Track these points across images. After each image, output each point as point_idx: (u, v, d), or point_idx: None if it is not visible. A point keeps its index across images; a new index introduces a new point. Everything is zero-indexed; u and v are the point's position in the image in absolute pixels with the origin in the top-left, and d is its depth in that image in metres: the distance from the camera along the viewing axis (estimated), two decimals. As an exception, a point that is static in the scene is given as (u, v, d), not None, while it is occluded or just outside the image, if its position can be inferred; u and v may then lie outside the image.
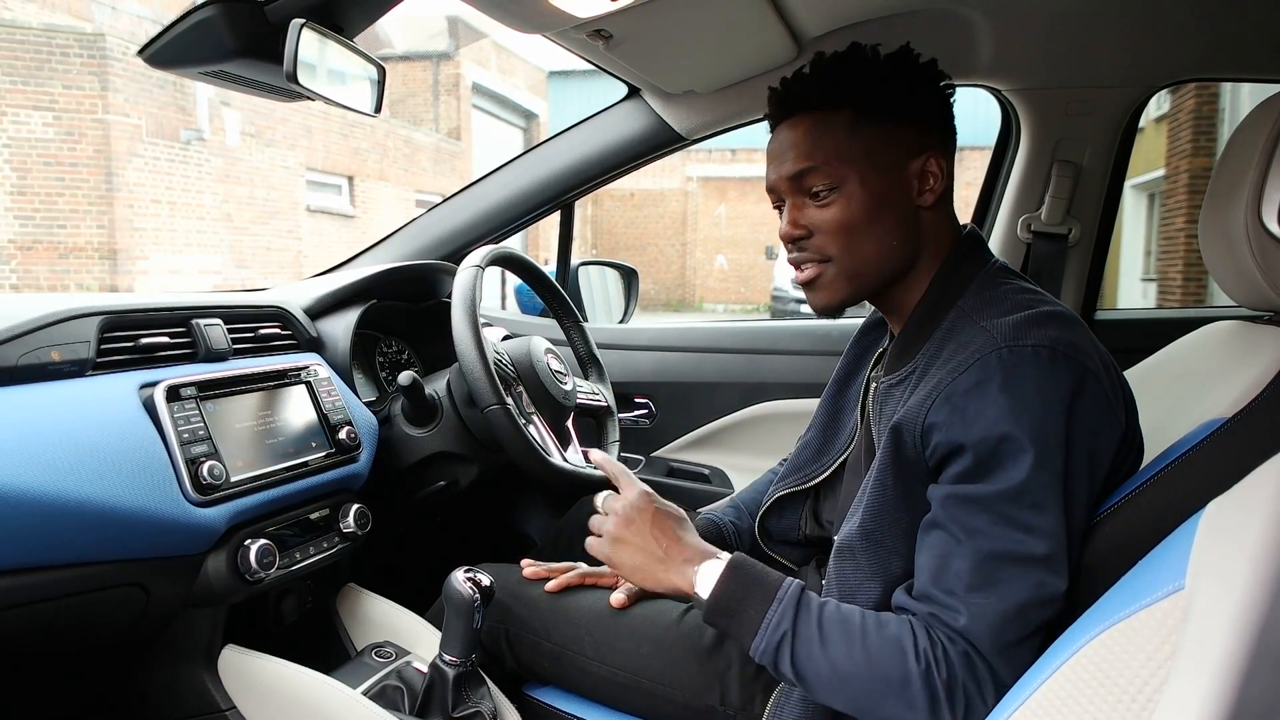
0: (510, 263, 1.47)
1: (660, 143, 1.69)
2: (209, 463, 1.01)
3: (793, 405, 1.72)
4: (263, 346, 1.25)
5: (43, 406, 0.93)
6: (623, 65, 1.45)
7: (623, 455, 1.63)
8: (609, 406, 1.58)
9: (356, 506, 1.22)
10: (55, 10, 8.52)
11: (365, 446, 1.26)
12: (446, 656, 1.05)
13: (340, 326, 1.39)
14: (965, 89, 1.51)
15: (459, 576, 1.03)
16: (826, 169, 0.89)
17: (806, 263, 0.93)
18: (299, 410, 1.19)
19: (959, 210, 0.98)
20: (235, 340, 1.20)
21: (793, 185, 0.91)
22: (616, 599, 1.07)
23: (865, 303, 0.99)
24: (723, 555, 0.92)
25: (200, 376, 1.08)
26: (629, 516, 0.97)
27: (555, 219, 1.91)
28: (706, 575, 0.89)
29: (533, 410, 1.40)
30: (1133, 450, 0.86)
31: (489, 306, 1.93)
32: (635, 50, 1.36)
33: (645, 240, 17.98)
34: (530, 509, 1.75)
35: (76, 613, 0.94)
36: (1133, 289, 9.39)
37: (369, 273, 1.51)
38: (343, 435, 1.21)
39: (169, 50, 0.93)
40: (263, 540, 1.06)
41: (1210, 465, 0.77)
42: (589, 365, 1.63)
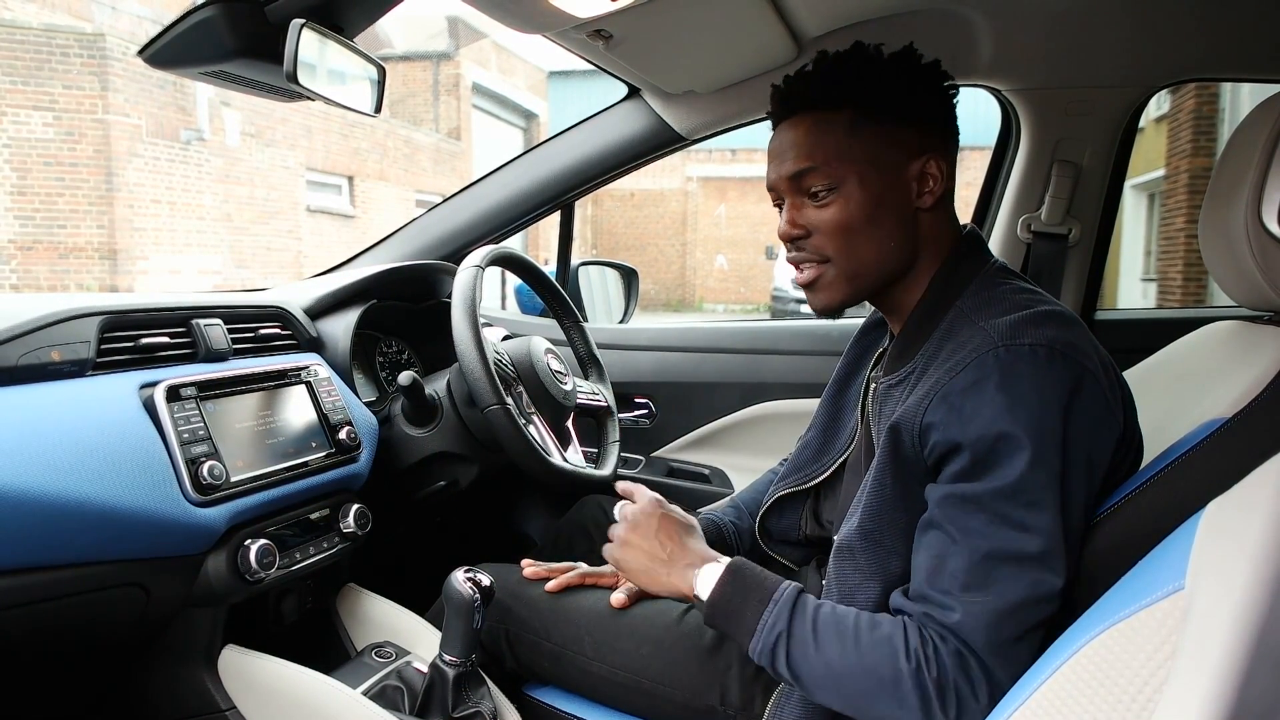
0: (510, 263, 1.47)
1: (660, 143, 1.69)
2: (209, 463, 1.01)
3: (793, 405, 1.72)
4: (263, 346, 1.25)
5: (43, 406, 0.93)
6: (623, 65, 1.45)
7: (623, 455, 1.63)
8: (609, 406, 1.58)
9: (356, 506, 1.22)
10: (55, 10, 8.51)
11: (365, 446, 1.26)
12: (446, 656, 1.05)
13: (340, 326, 1.39)
14: (965, 89, 1.51)
15: (459, 576, 1.03)
16: (826, 169, 0.89)
17: (805, 263, 0.93)
18: (299, 410, 1.19)
19: (959, 210, 0.98)
20: (235, 340, 1.20)
21: (792, 185, 0.92)
22: (617, 599, 1.07)
23: (865, 303, 0.99)
24: (723, 559, 0.93)
25: (200, 376, 1.08)
26: (636, 521, 1.00)
27: (555, 219, 1.91)
28: (706, 578, 0.91)
29: (533, 410, 1.40)
30: (1132, 450, 0.86)
31: (489, 306, 1.93)
32: (635, 50, 1.36)
33: (645, 240, 17.98)
34: (530, 509, 1.75)
35: (77, 613, 0.94)
36: (1133, 289, 9.38)
37: (369, 273, 1.51)
38: (343, 435, 1.21)
39: (169, 50, 0.93)
40: (263, 540, 1.06)
41: (1210, 465, 0.77)
42: (589, 365, 1.63)
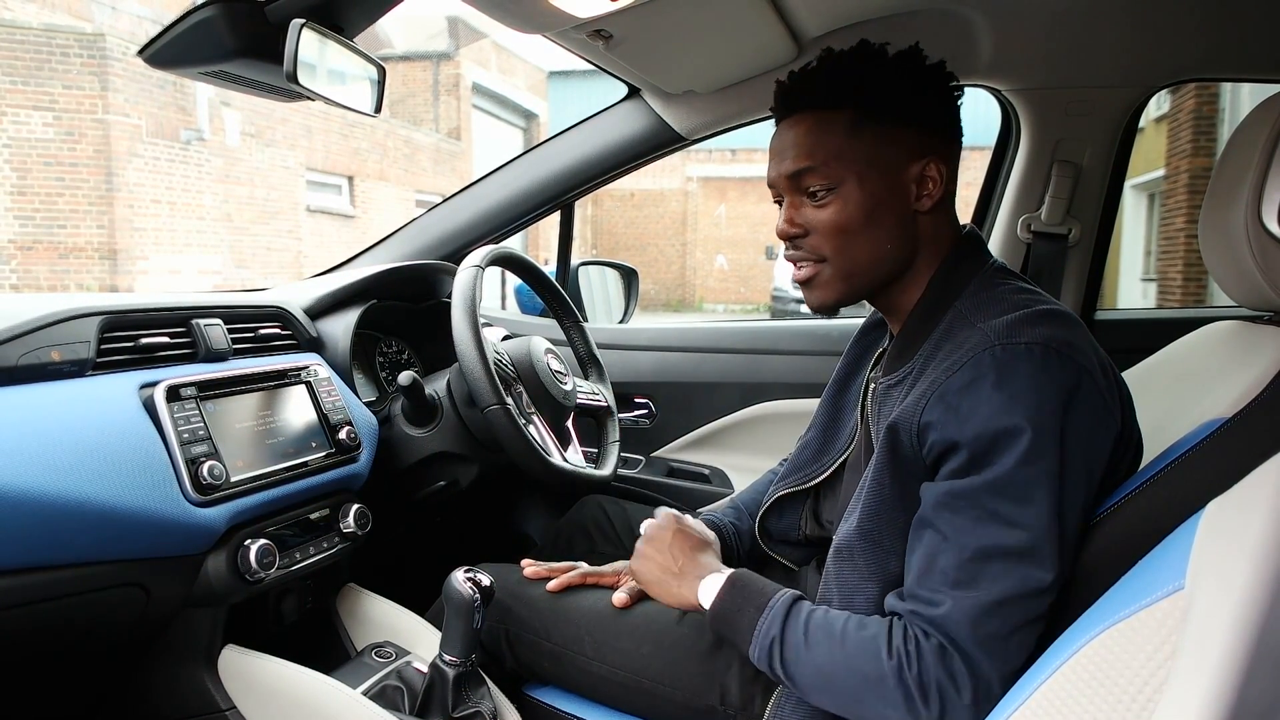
0: (510, 263, 1.47)
1: (660, 143, 1.69)
2: (209, 463, 1.01)
3: (793, 405, 1.72)
4: (263, 346, 1.25)
5: (43, 406, 0.93)
6: (623, 65, 1.45)
7: (623, 455, 1.63)
8: (609, 406, 1.58)
9: (356, 506, 1.22)
10: (55, 10, 8.51)
11: (365, 446, 1.26)
12: (446, 656, 1.05)
13: (340, 326, 1.39)
14: (965, 89, 1.51)
15: (459, 576, 1.03)
16: (825, 170, 0.89)
17: (802, 261, 0.94)
18: (299, 410, 1.19)
19: (959, 210, 0.98)
20: (235, 340, 1.20)
21: (791, 184, 0.92)
22: (619, 599, 1.08)
23: (865, 303, 0.99)
24: (726, 570, 0.96)
25: (200, 376, 1.08)
26: (651, 535, 1.04)
27: (555, 219, 1.91)
28: (709, 588, 0.94)
29: (533, 410, 1.40)
30: (1131, 450, 0.86)
31: (489, 306, 1.93)
32: (635, 50, 1.36)
33: (645, 240, 17.97)
34: (530, 509, 1.75)
35: (77, 613, 0.94)
36: (1133, 289, 9.38)
37: (369, 273, 1.51)
38: (343, 435, 1.21)
39: (169, 50, 0.93)
40: (263, 540, 1.06)
41: (1210, 465, 0.77)
42: (589, 365, 1.63)
